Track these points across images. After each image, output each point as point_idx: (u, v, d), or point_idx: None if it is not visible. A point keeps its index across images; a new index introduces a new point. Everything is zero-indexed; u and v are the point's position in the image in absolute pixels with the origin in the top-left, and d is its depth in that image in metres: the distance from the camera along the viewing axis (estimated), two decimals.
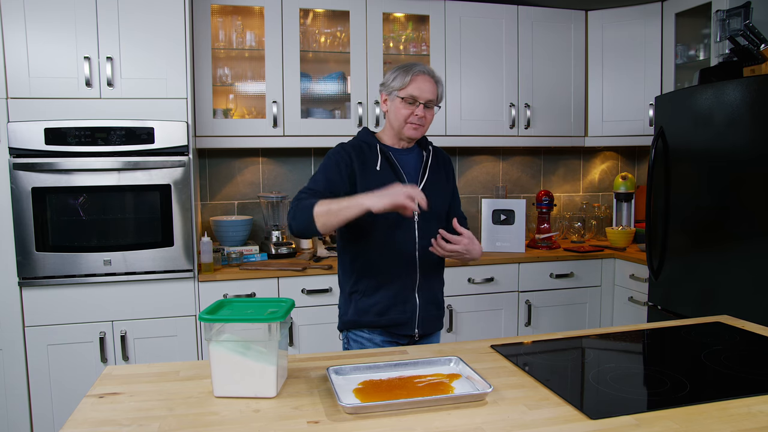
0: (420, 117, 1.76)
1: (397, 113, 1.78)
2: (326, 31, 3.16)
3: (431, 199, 1.69)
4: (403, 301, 1.80)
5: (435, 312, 1.87)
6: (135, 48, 2.54)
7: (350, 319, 1.83)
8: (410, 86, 1.75)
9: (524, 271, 3.09)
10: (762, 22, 2.66)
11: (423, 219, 1.77)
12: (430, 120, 1.81)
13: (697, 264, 2.54)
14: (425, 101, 1.76)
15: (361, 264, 1.81)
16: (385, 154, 1.80)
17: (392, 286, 1.79)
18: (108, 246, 2.53)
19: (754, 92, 2.26)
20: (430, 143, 1.92)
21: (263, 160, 3.29)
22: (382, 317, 1.79)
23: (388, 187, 1.55)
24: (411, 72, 1.76)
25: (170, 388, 1.22)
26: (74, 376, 2.53)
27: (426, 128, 1.82)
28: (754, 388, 1.18)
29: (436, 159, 1.89)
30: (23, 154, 2.43)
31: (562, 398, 1.14)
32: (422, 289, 1.82)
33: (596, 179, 3.86)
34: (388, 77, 1.81)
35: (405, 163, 1.82)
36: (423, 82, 1.76)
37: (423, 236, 1.79)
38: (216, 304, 1.25)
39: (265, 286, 2.73)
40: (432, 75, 1.79)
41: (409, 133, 1.79)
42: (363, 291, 1.80)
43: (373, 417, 1.07)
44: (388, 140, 1.85)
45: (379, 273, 1.79)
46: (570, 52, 3.38)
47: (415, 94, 1.75)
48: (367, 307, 1.80)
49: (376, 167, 1.77)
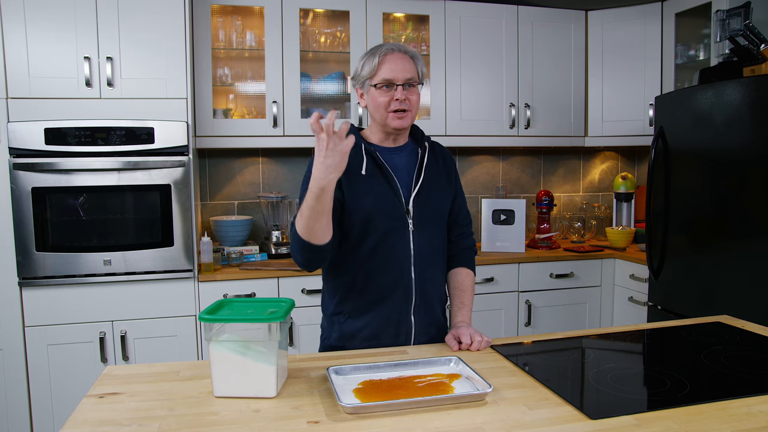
0: (402, 101, 1.51)
1: (375, 104, 1.54)
2: (326, 31, 3.16)
3: (427, 202, 1.56)
4: (396, 323, 1.56)
5: (435, 334, 1.62)
6: (135, 48, 2.54)
7: (333, 344, 1.59)
8: (381, 69, 1.52)
9: (524, 271, 3.09)
10: (762, 22, 2.66)
11: (418, 226, 1.56)
12: (416, 103, 1.56)
13: (697, 264, 2.54)
14: (403, 81, 1.51)
15: (346, 281, 1.57)
16: (371, 155, 1.56)
17: (383, 306, 1.55)
18: (108, 246, 2.53)
19: (754, 92, 2.26)
20: (427, 138, 1.67)
21: (263, 160, 3.29)
22: (371, 342, 1.55)
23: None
24: (378, 53, 1.53)
25: (170, 388, 1.22)
26: (74, 376, 2.53)
27: (413, 113, 1.56)
28: (754, 388, 1.18)
29: (435, 156, 1.66)
30: (23, 154, 2.43)
31: (562, 398, 1.14)
32: (420, 310, 1.58)
33: (596, 179, 3.86)
34: (357, 67, 1.58)
35: (395, 164, 1.59)
36: (395, 61, 1.52)
37: (420, 246, 1.56)
38: (216, 304, 1.25)
39: (265, 286, 2.73)
40: (405, 50, 1.55)
41: (395, 124, 1.54)
42: (349, 312, 1.57)
43: (373, 417, 1.07)
44: (375, 138, 1.62)
45: (367, 291, 1.55)
46: (570, 52, 3.38)
47: (389, 77, 1.51)
48: (354, 331, 1.57)
49: (361, 171, 1.54)
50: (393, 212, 1.54)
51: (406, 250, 1.55)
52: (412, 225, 1.55)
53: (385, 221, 1.53)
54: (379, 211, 1.53)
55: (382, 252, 1.54)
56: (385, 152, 1.60)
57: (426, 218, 1.57)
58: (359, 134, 1.62)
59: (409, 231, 1.55)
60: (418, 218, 1.56)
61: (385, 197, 1.54)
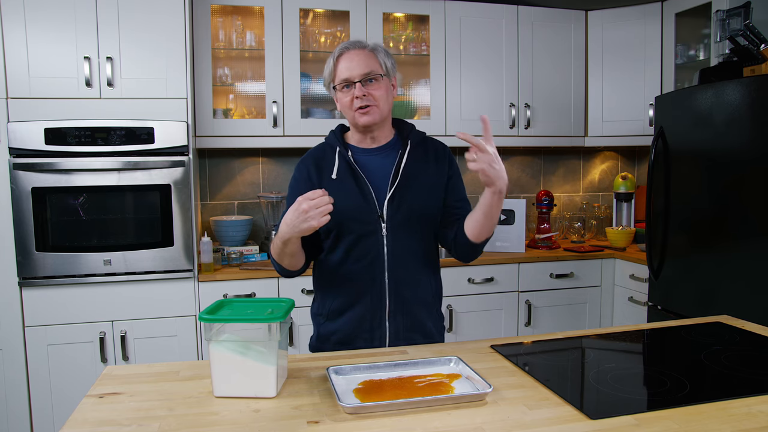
0: (362, 97, 1.49)
1: (341, 105, 1.54)
2: (326, 31, 3.16)
3: (404, 204, 1.52)
4: (370, 328, 1.54)
5: (421, 341, 1.57)
6: (135, 48, 2.54)
7: (313, 344, 1.63)
8: (338, 69, 1.52)
9: (524, 271, 3.09)
10: (762, 22, 2.66)
11: (393, 229, 1.52)
12: (382, 96, 1.51)
13: (697, 264, 2.54)
14: (360, 77, 1.49)
15: (323, 284, 1.60)
16: (344, 158, 1.54)
17: (355, 310, 1.54)
18: (108, 246, 2.53)
19: (754, 92, 2.26)
20: (416, 135, 1.61)
21: (263, 160, 3.29)
22: (343, 346, 1.54)
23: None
24: (334, 56, 1.53)
25: (170, 388, 1.22)
26: (74, 376, 2.53)
27: (382, 107, 1.52)
28: (754, 388, 1.18)
29: (425, 154, 1.60)
30: (23, 154, 2.43)
31: (562, 398, 1.14)
32: (396, 315, 1.54)
33: (596, 179, 3.86)
34: (323, 74, 1.59)
35: (372, 166, 1.55)
36: (350, 59, 1.51)
37: (394, 249, 1.53)
38: (216, 304, 1.25)
39: (265, 286, 2.73)
40: (360, 46, 1.53)
41: (362, 121, 1.51)
42: (327, 315, 1.58)
43: (373, 417, 1.07)
44: (354, 140, 1.60)
45: (340, 295, 1.56)
46: (570, 52, 3.38)
47: (345, 75, 1.50)
48: (328, 334, 1.58)
49: (332, 175, 1.54)
50: (363, 216, 1.52)
51: (378, 254, 1.52)
52: (385, 229, 1.52)
53: (355, 225, 1.51)
54: (349, 215, 1.51)
55: (354, 256, 1.53)
56: (363, 153, 1.58)
57: (402, 222, 1.53)
58: (341, 136, 1.61)
59: (382, 235, 1.52)
60: (392, 221, 1.52)
61: (354, 201, 1.52)
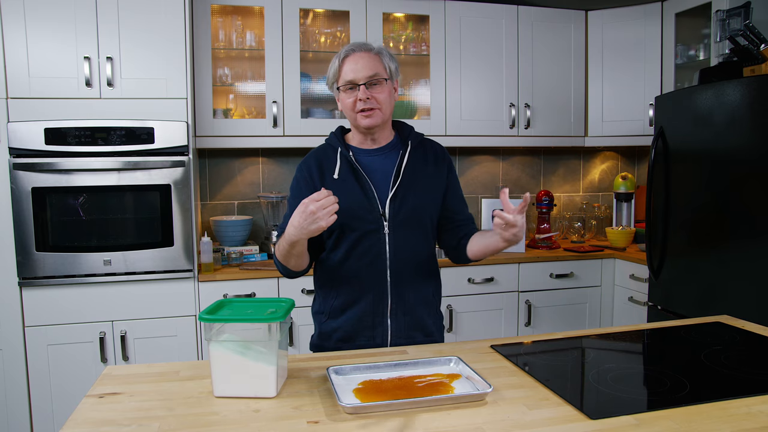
0: (365, 100, 1.51)
1: (344, 106, 1.57)
2: (326, 31, 3.16)
3: (406, 204, 1.55)
4: (371, 326, 1.57)
5: (422, 339, 1.60)
6: (135, 48, 2.54)
7: (314, 342, 1.65)
8: (343, 71, 1.54)
9: (524, 271, 3.09)
10: (762, 22, 2.66)
11: (395, 228, 1.55)
12: (386, 100, 1.55)
13: (697, 264, 2.54)
14: (365, 80, 1.51)
15: (325, 282, 1.62)
16: (346, 158, 1.57)
17: (357, 308, 1.57)
18: (108, 246, 2.53)
19: (754, 92, 2.26)
20: (416, 136, 1.64)
21: (263, 160, 3.29)
22: (345, 344, 1.57)
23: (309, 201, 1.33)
24: (339, 57, 1.55)
25: (170, 388, 1.22)
26: (74, 376, 2.53)
27: (383, 111, 1.55)
28: (754, 388, 1.18)
29: (424, 155, 1.64)
30: (23, 154, 2.43)
31: (562, 398, 1.14)
32: (398, 313, 1.57)
33: (596, 179, 3.86)
34: (327, 74, 1.61)
35: (374, 166, 1.58)
36: (355, 61, 1.53)
37: (397, 248, 1.56)
38: (216, 304, 1.25)
39: (265, 286, 2.73)
40: (366, 48, 1.55)
41: (364, 123, 1.54)
42: (328, 313, 1.61)
43: (373, 417, 1.07)
44: (356, 141, 1.63)
45: (342, 293, 1.58)
46: (570, 52, 3.38)
47: (350, 77, 1.52)
48: (330, 332, 1.60)
49: (333, 175, 1.56)
50: (366, 215, 1.54)
51: (381, 252, 1.55)
52: (387, 228, 1.55)
53: (358, 223, 1.53)
54: (352, 215, 1.53)
55: (357, 254, 1.55)
56: (364, 154, 1.61)
57: (404, 220, 1.56)
58: (342, 137, 1.64)
59: (385, 234, 1.55)
60: (394, 221, 1.55)
61: (357, 200, 1.54)
